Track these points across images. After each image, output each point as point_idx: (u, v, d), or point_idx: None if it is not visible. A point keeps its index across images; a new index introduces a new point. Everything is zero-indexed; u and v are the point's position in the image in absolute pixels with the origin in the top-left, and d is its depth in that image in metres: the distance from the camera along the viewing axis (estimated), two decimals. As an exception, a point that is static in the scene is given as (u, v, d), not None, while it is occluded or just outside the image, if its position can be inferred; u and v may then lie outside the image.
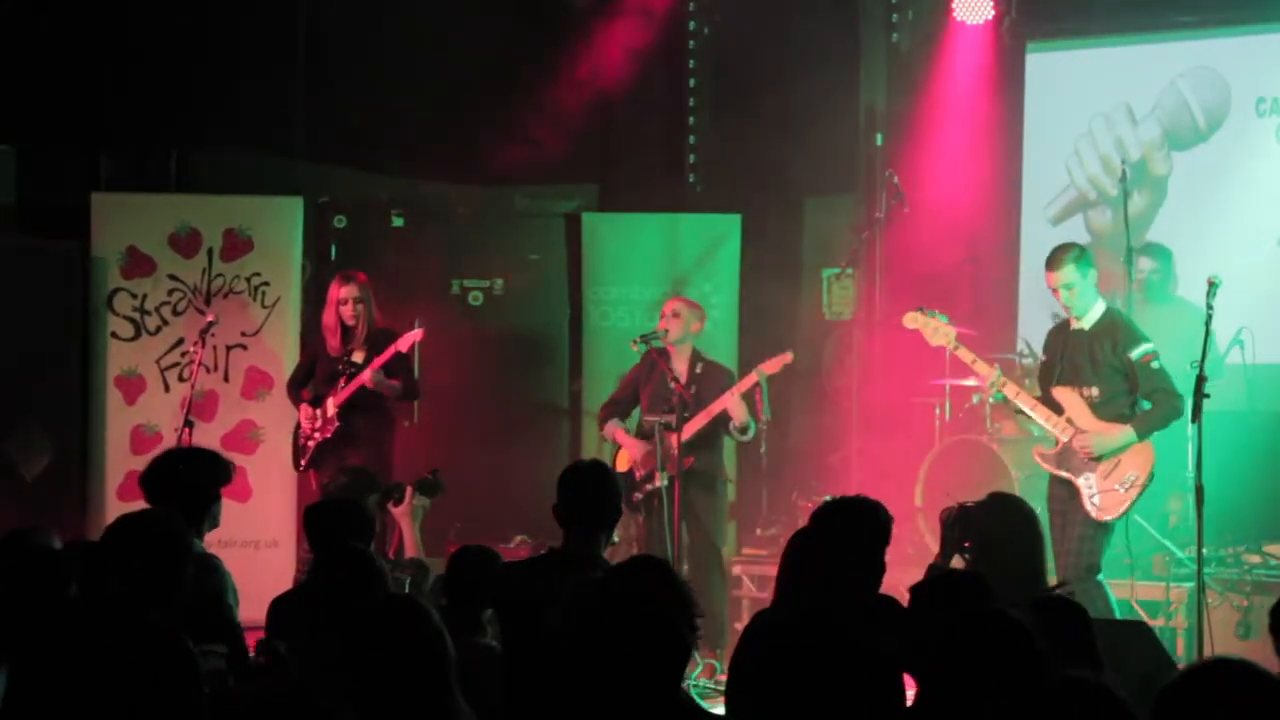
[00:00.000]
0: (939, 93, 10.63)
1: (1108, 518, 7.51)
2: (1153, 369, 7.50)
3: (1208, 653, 7.13)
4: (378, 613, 3.93)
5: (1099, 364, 7.55)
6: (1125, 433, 7.48)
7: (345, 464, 8.80)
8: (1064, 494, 7.65)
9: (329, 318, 9.00)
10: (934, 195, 10.45)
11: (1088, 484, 7.51)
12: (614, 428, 8.94)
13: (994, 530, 5.44)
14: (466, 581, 5.29)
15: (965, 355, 7.96)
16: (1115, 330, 7.60)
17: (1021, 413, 7.96)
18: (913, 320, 8.12)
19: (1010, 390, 7.76)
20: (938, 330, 8.00)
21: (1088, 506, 7.50)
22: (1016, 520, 5.57)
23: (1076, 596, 7.10)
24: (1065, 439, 7.58)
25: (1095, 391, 7.58)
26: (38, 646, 4.17)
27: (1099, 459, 7.49)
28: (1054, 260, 7.64)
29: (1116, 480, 7.48)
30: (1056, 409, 7.65)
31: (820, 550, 4.69)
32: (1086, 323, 7.63)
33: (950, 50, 10.60)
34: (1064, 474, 7.61)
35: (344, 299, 8.92)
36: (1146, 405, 7.57)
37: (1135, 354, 7.51)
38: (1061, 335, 7.80)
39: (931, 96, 10.65)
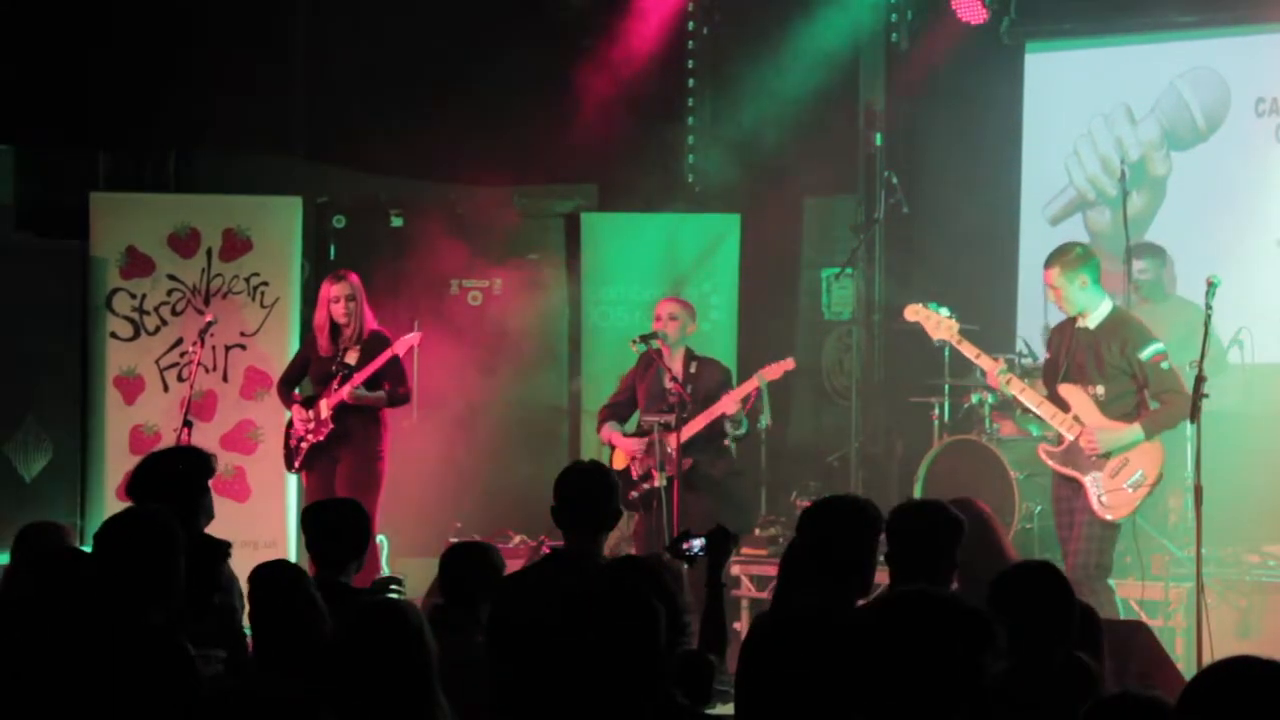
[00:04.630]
0: (938, 93, 10.63)
1: (1115, 517, 7.44)
2: (1162, 369, 7.42)
3: (1207, 653, 7.12)
4: (359, 615, 3.94)
5: (1105, 364, 7.46)
6: (1133, 430, 7.40)
7: (338, 465, 8.80)
8: (1069, 493, 7.58)
9: (319, 317, 8.96)
10: (933, 195, 10.45)
11: (1095, 482, 7.43)
12: (609, 431, 8.93)
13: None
14: (462, 580, 5.28)
15: (968, 350, 7.88)
16: (1124, 330, 7.51)
17: (1027, 410, 7.91)
18: (914, 313, 8.01)
19: (1015, 386, 7.67)
20: (940, 324, 7.89)
21: (1095, 505, 7.42)
22: (976, 532, 5.52)
23: (1084, 596, 7.13)
24: (1071, 436, 7.50)
25: (1101, 390, 7.49)
26: (37, 646, 4.17)
27: (1106, 456, 7.41)
28: (1048, 259, 7.60)
29: (1125, 479, 7.40)
30: (1063, 406, 7.57)
31: (812, 550, 4.68)
32: (1092, 321, 7.53)
33: (950, 50, 10.58)
34: (1070, 472, 7.52)
35: (335, 297, 8.88)
36: (1154, 405, 7.52)
37: (1145, 355, 7.41)
38: (1065, 333, 7.68)
39: (931, 96, 10.64)
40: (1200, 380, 7.01)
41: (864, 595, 4.70)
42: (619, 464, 8.76)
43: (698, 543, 5.22)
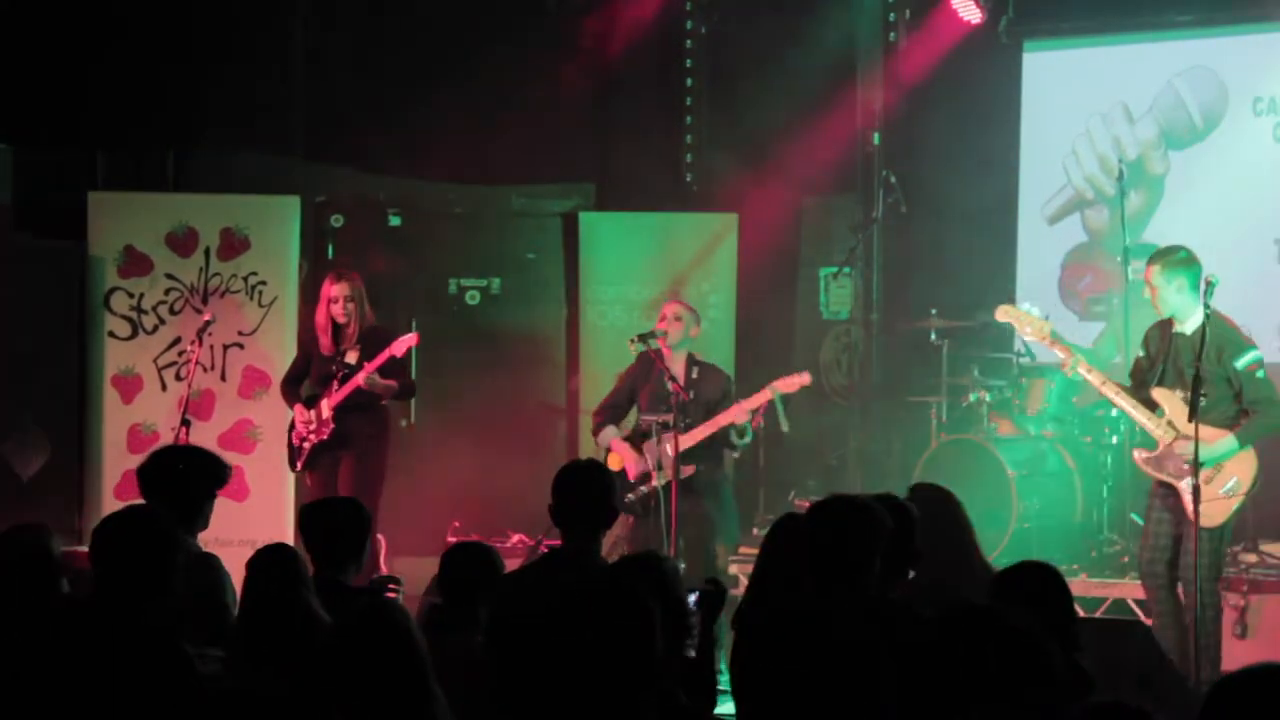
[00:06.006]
0: (937, 92, 10.63)
1: (1210, 525, 7.26)
2: (1258, 378, 7.29)
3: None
4: (354, 618, 3.94)
5: (1204, 370, 7.25)
6: (1229, 440, 7.26)
7: (339, 465, 8.80)
8: (1168, 498, 7.42)
9: (320, 316, 8.96)
10: (931, 194, 10.45)
11: (1189, 490, 7.26)
12: (610, 437, 8.86)
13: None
14: (461, 580, 5.27)
15: (1061, 350, 7.70)
16: (1220, 338, 7.33)
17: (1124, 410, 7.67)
18: (1005, 314, 7.96)
19: (1110, 390, 7.53)
20: (1033, 323, 7.83)
21: (1190, 513, 7.26)
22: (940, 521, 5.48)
23: (1203, 601, 7.14)
24: (1167, 440, 7.37)
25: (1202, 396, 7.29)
26: (29, 645, 4.17)
27: (1201, 464, 7.24)
28: (1151, 257, 7.51)
29: (1220, 486, 7.26)
30: (1155, 409, 7.46)
31: (815, 549, 4.68)
32: (1187, 327, 7.38)
33: (948, 49, 10.59)
34: (1164, 477, 7.39)
35: (335, 297, 8.88)
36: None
37: (1241, 363, 7.29)
38: (1164, 336, 7.52)
39: (929, 96, 10.65)
40: (1199, 380, 7.00)
41: (864, 595, 4.70)
42: (615, 464, 8.74)
43: (691, 598, 5.15)
